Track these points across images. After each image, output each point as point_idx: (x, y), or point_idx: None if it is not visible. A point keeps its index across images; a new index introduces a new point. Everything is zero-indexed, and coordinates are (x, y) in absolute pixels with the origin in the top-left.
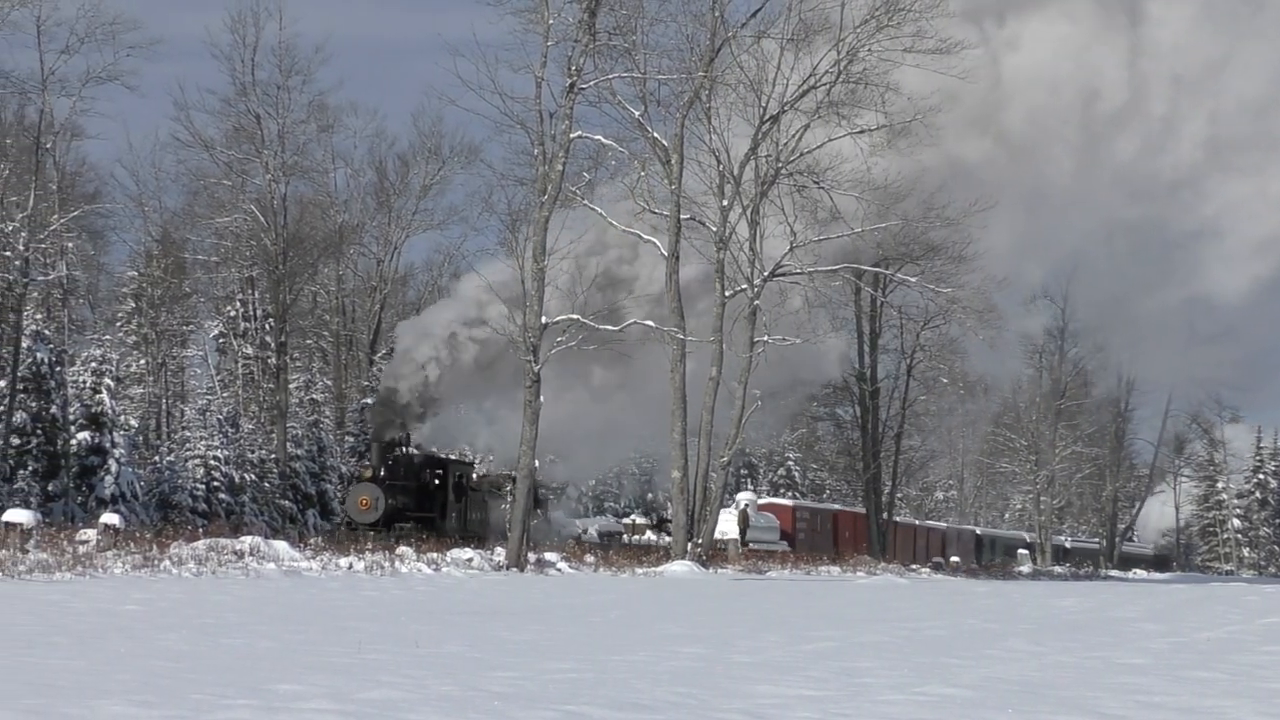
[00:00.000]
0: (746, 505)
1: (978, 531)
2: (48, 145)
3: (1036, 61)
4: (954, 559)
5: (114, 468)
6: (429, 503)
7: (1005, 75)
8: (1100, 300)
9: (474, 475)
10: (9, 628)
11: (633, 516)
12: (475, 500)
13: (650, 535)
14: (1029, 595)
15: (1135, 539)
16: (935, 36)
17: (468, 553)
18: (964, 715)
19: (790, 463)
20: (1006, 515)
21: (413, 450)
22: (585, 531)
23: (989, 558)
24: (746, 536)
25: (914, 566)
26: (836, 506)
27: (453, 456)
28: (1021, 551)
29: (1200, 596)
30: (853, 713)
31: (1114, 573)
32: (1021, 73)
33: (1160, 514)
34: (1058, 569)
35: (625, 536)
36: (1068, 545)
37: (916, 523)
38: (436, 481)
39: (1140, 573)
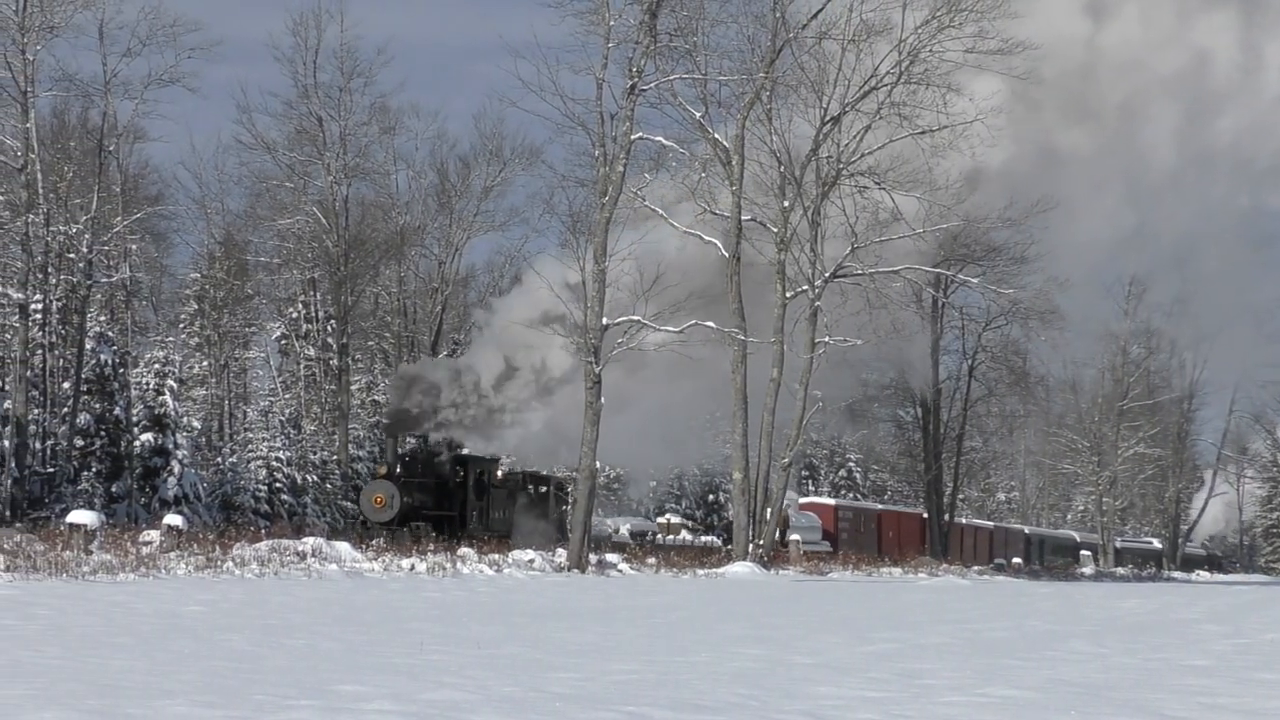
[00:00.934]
0: (787, 505)
1: (1026, 531)
2: (111, 148)
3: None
4: (1015, 560)
5: (177, 469)
6: (449, 501)
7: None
8: (1169, 300)
9: (498, 473)
10: (73, 629)
11: (666, 515)
12: (499, 498)
13: (685, 535)
14: (1091, 596)
15: (1193, 540)
16: (998, 36)
17: (529, 554)
18: (1026, 717)
19: (852, 464)
20: (1069, 516)
21: (432, 446)
22: (616, 531)
23: (1036, 558)
24: (786, 537)
25: (953, 567)
26: (880, 506)
27: (474, 453)
28: (1084, 553)
29: (1264, 598)
30: (914, 714)
31: (1176, 574)
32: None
33: (1212, 516)
34: (1119, 570)
35: (659, 536)
36: (1117, 545)
37: (963, 522)
38: (457, 479)
39: (1203, 574)
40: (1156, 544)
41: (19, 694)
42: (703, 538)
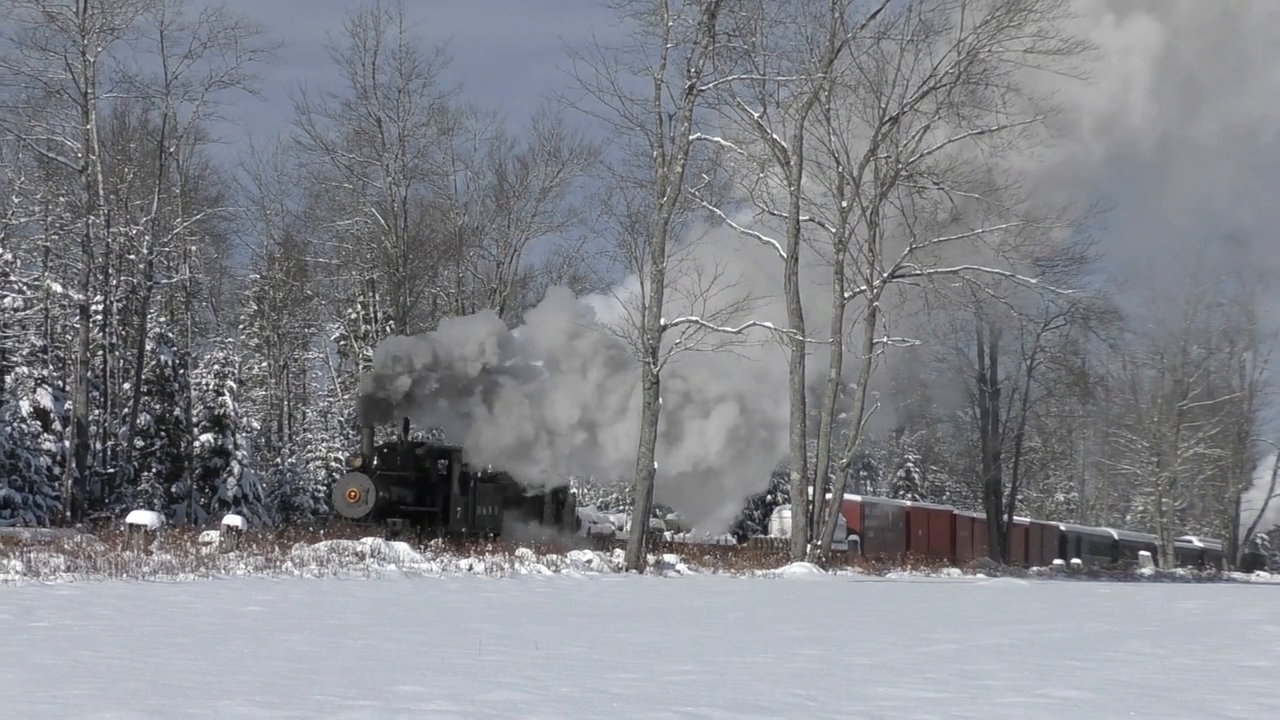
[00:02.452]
0: None
1: (1062, 528)
2: (171, 149)
3: None
4: (1071, 561)
5: (236, 469)
6: (430, 496)
7: None
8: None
9: (488, 468)
10: (133, 629)
11: (676, 512)
12: (486, 494)
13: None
14: (1150, 597)
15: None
16: (1057, 36)
17: (587, 554)
18: (1085, 718)
19: (910, 464)
20: (1128, 517)
21: (413, 439)
22: (620, 529)
23: (1073, 555)
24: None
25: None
26: (908, 503)
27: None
28: (1143, 553)
29: None
30: (973, 715)
31: (1236, 575)
32: None
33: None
34: (1180, 571)
35: (667, 534)
36: (1157, 543)
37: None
38: (440, 473)
39: (1264, 575)
40: (1197, 542)
41: (80, 693)
42: (715, 536)
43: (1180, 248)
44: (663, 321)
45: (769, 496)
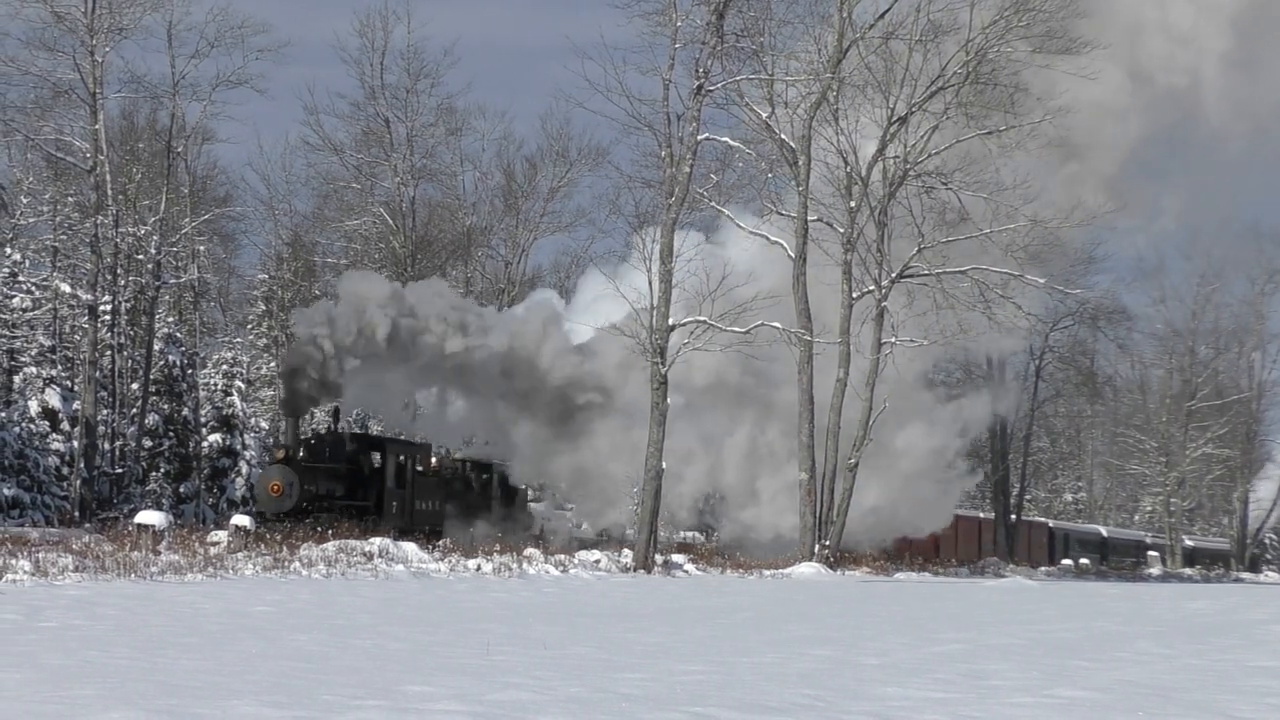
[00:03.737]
0: None
1: (1050, 525)
2: (179, 149)
3: None
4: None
5: (245, 469)
6: (363, 489)
7: None
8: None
9: (432, 460)
10: (141, 629)
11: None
12: (426, 488)
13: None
14: (1158, 597)
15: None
16: (1065, 36)
17: (595, 554)
18: (1094, 718)
19: None
20: (1136, 517)
21: (343, 428)
22: (580, 526)
23: (1061, 554)
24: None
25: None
26: None
27: (396, 436)
28: (1151, 553)
29: None
30: (981, 715)
31: (1245, 575)
32: None
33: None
34: (1188, 571)
35: (631, 532)
36: (1148, 541)
37: (980, 515)
38: (374, 465)
39: (1272, 574)
40: (1189, 541)
41: (88, 694)
42: (684, 534)
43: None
44: (670, 321)
45: None
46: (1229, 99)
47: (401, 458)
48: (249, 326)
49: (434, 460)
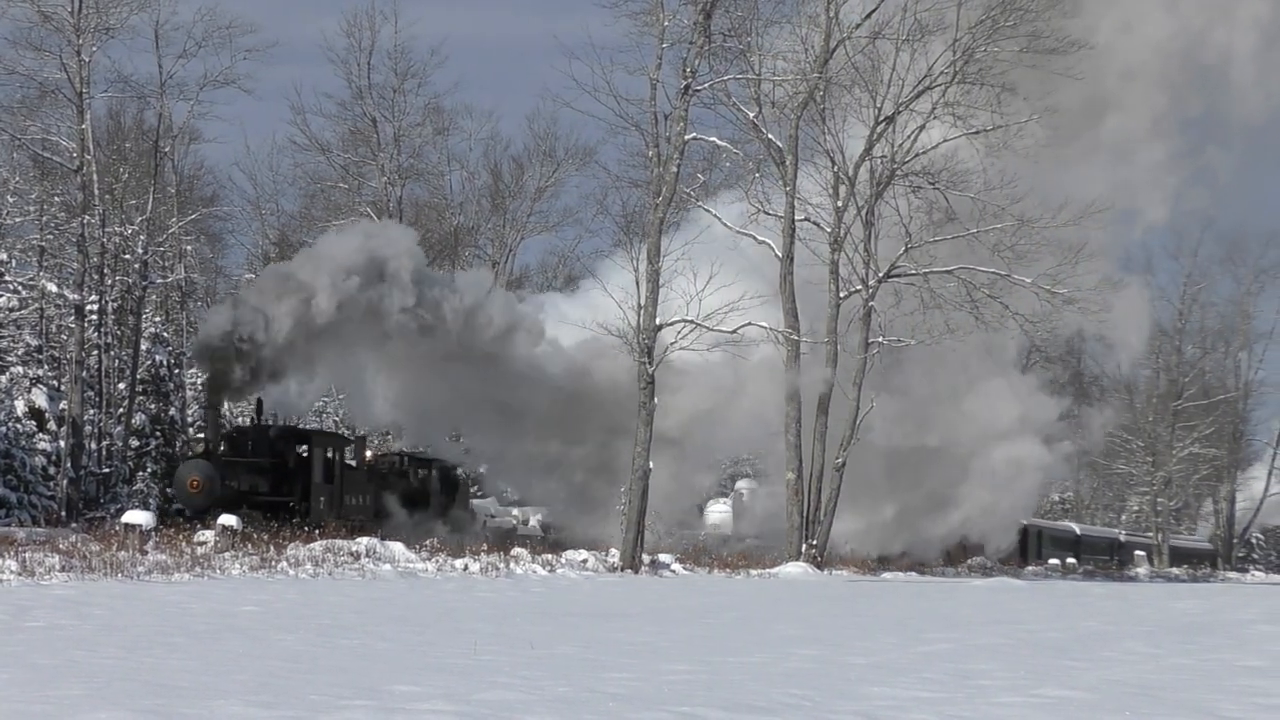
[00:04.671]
0: (746, 494)
1: (1024, 522)
2: (166, 149)
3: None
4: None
5: None
6: (289, 485)
7: None
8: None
9: (367, 454)
10: (128, 629)
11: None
12: (357, 482)
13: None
14: (1145, 597)
15: (1255, 539)
16: (1052, 36)
17: (582, 554)
18: (1081, 718)
19: None
20: (1123, 517)
21: (267, 420)
22: (525, 523)
23: (1033, 553)
24: (744, 528)
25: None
26: None
27: (324, 429)
28: (1139, 553)
29: None
30: (969, 715)
31: (1230, 574)
32: None
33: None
34: (1175, 571)
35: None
36: (1122, 539)
37: None
38: (300, 459)
39: (1258, 574)
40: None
41: (75, 693)
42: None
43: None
44: (658, 321)
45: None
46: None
47: (330, 451)
48: None
49: (368, 453)
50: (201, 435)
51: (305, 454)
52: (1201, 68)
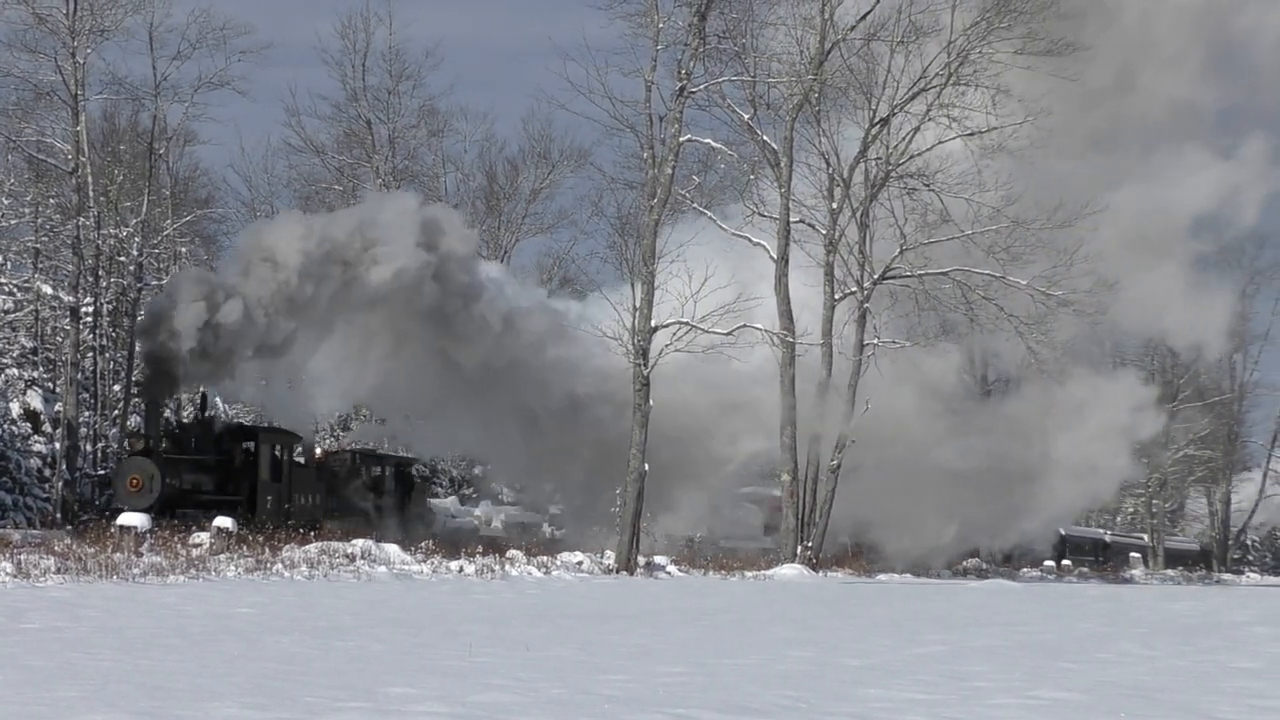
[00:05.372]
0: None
1: None
2: (161, 151)
3: None
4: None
5: None
6: (233, 484)
7: None
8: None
9: (316, 451)
10: (123, 630)
11: (561, 505)
12: (305, 481)
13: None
14: (1140, 598)
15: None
16: (1046, 38)
17: (577, 556)
18: (1077, 719)
19: None
20: (1119, 519)
21: (212, 415)
22: (488, 523)
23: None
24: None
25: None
26: None
27: (271, 425)
28: (1134, 555)
29: None
30: (964, 717)
31: (1226, 576)
32: None
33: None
34: (1170, 572)
35: (551, 530)
36: (1107, 539)
37: None
38: (246, 457)
39: (1254, 576)
40: (1146, 539)
41: (70, 695)
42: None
43: None
44: (653, 323)
45: None
46: None
47: (277, 448)
48: None
49: (318, 451)
50: (141, 432)
51: (252, 451)
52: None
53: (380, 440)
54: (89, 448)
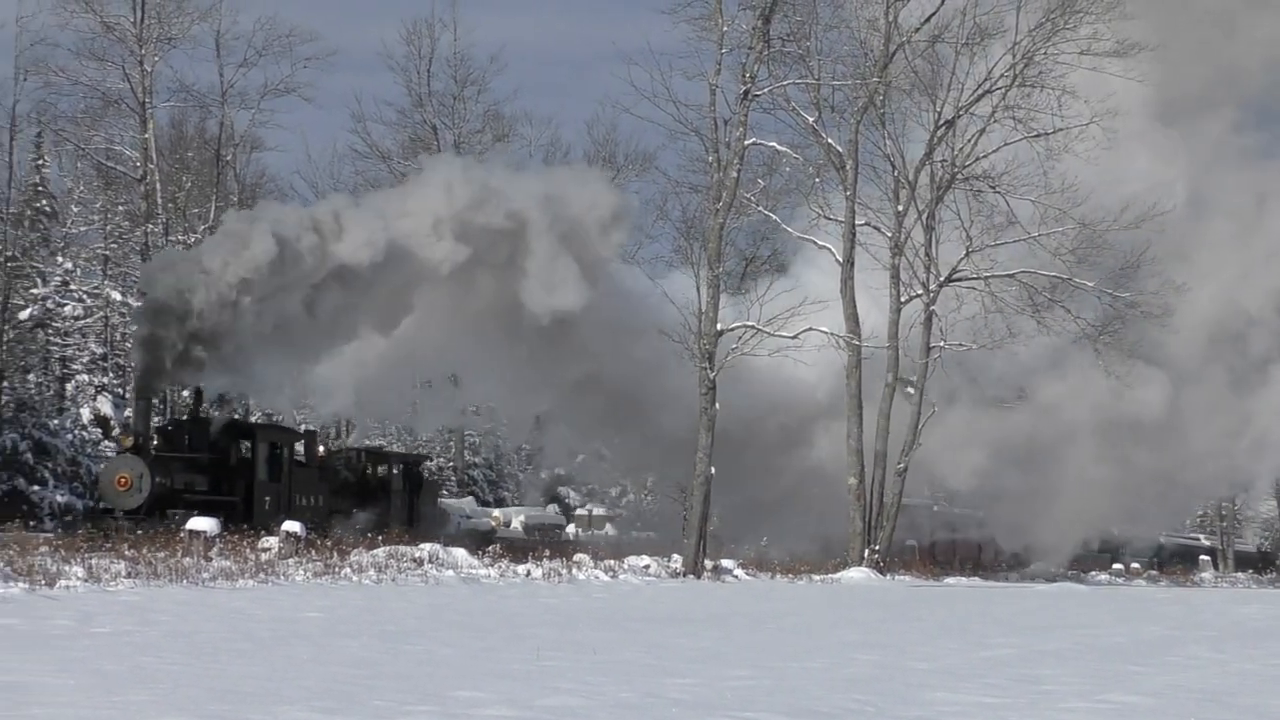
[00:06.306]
0: None
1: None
2: (228, 157)
3: None
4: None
5: None
6: (229, 483)
7: None
8: None
9: (318, 449)
10: (193, 635)
11: (589, 507)
12: (307, 480)
13: (611, 530)
14: (1209, 602)
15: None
16: (1112, 39)
17: (644, 560)
18: None
19: None
20: (1188, 522)
21: (206, 411)
22: (507, 524)
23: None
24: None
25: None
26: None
27: (270, 421)
28: (1204, 558)
29: None
30: None
31: None
32: None
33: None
34: (1239, 575)
35: (576, 531)
36: (1162, 540)
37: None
38: (243, 455)
39: None
40: (1204, 541)
41: (141, 699)
42: (635, 534)
43: None
44: (719, 326)
45: None
46: None
47: (277, 446)
48: None
49: (321, 449)
50: (128, 428)
51: (248, 449)
52: None
53: (388, 438)
54: None
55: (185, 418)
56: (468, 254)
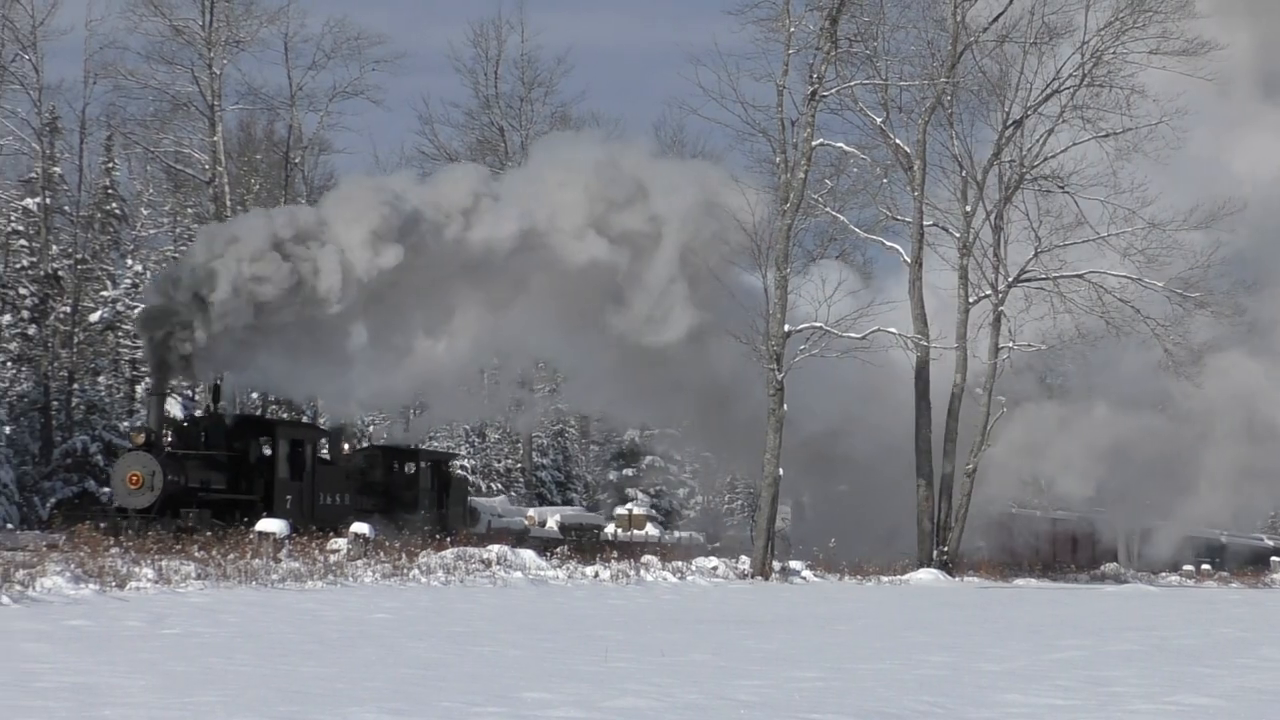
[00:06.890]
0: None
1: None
2: (296, 160)
3: None
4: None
5: None
6: (248, 481)
7: None
8: None
9: (343, 446)
10: (263, 636)
11: (629, 506)
12: (331, 479)
13: (651, 530)
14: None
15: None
16: (1181, 37)
17: (713, 561)
18: None
19: None
20: (1258, 522)
21: (222, 408)
22: (542, 524)
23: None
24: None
25: None
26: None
27: (289, 417)
28: (1275, 559)
29: None
30: None
31: None
32: None
33: None
34: None
35: (615, 531)
36: (1223, 539)
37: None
38: (262, 452)
39: None
40: (1267, 541)
41: (211, 700)
42: (678, 534)
43: None
44: (787, 327)
45: None
46: None
47: (299, 443)
48: None
49: (345, 446)
50: (141, 424)
51: (269, 447)
52: None
53: (419, 436)
54: None
55: (201, 414)
56: (605, 248)
